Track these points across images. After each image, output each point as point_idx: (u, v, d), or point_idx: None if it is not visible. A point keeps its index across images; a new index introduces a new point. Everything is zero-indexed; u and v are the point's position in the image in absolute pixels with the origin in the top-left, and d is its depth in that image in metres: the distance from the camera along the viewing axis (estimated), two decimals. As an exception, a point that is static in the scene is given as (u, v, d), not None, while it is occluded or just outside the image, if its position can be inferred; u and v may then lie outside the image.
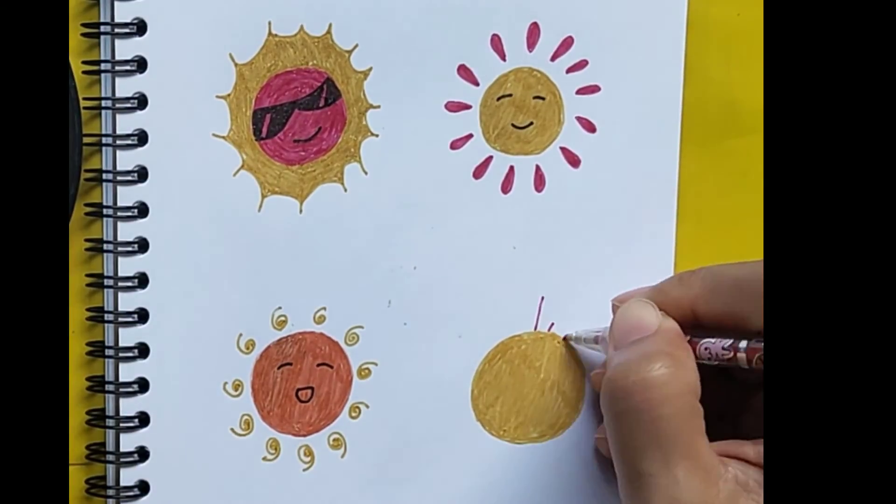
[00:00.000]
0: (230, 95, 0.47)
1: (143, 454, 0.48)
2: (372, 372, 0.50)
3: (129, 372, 0.47)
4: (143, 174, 0.46)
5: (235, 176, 0.47)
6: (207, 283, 0.47)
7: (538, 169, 0.50)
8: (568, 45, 0.50)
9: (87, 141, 0.46)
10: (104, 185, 0.47)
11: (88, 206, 0.47)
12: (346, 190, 0.49)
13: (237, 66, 0.47)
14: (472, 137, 0.50)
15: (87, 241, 0.47)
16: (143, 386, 0.47)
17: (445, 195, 0.50)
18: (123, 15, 0.46)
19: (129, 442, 0.47)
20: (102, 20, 0.46)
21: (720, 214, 0.53)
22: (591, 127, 0.51)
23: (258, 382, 0.49)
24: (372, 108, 0.48)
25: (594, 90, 0.51)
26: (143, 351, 0.47)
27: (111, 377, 0.47)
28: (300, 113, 0.48)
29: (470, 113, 0.49)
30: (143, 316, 0.47)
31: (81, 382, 0.47)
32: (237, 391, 0.48)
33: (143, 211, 0.47)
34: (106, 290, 0.47)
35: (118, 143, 0.46)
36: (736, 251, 0.51)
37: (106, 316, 0.47)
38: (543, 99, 0.50)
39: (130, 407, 0.47)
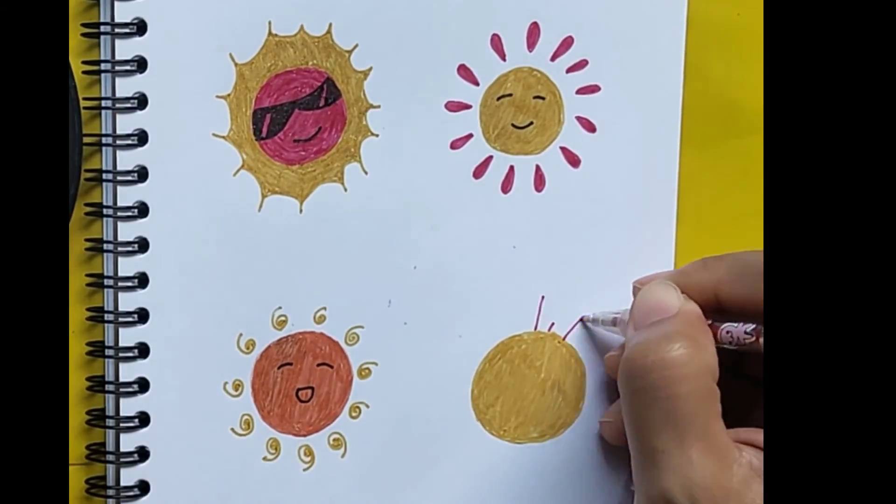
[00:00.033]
0: (230, 95, 0.47)
1: (143, 454, 0.48)
2: (372, 372, 0.50)
3: (129, 372, 0.47)
4: (143, 174, 0.46)
5: (235, 176, 0.47)
6: (207, 283, 0.47)
7: (538, 169, 0.50)
8: (568, 44, 0.50)
9: (87, 141, 0.46)
10: (104, 185, 0.47)
11: (88, 206, 0.47)
12: (346, 190, 0.49)
13: (237, 65, 0.47)
14: (472, 137, 0.50)
15: (87, 241, 0.47)
16: (143, 386, 0.47)
17: (445, 195, 0.50)
18: (123, 15, 0.46)
19: (129, 442, 0.47)
20: (102, 20, 0.46)
21: (720, 214, 0.53)
22: (591, 127, 0.51)
23: (258, 382, 0.49)
24: (372, 108, 0.48)
25: (594, 90, 0.51)
26: (143, 351, 0.47)
27: (111, 377, 0.47)
28: (300, 113, 0.48)
29: (470, 113, 0.49)
30: (143, 316, 0.47)
31: (81, 382, 0.47)
32: (237, 391, 0.48)
33: (143, 211, 0.47)
34: (106, 290, 0.47)
35: (118, 143, 0.46)
36: (737, 250, 0.51)
37: (106, 316, 0.47)
38: (543, 99, 0.50)
39: (130, 407, 0.47)
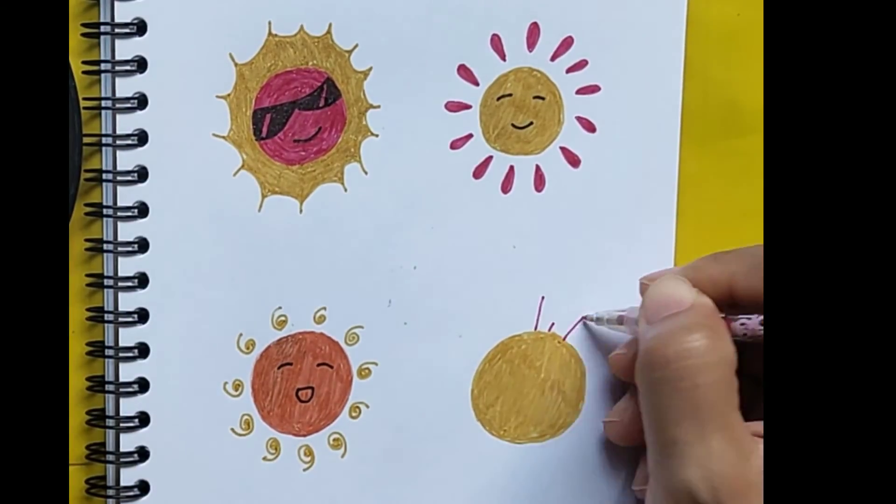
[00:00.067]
0: (230, 95, 0.47)
1: (143, 454, 0.48)
2: (372, 372, 0.50)
3: (129, 372, 0.47)
4: (143, 174, 0.46)
5: (235, 176, 0.47)
6: (207, 283, 0.47)
7: (538, 169, 0.50)
8: (568, 45, 0.50)
9: (87, 141, 0.46)
10: (104, 185, 0.47)
11: (88, 206, 0.47)
12: (346, 190, 0.49)
13: (237, 65, 0.47)
14: (472, 137, 0.50)
15: (87, 241, 0.47)
16: (143, 386, 0.47)
17: (445, 195, 0.49)
18: (123, 15, 0.46)
19: (129, 442, 0.47)
20: (102, 20, 0.46)
21: (720, 214, 0.53)
22: (591, 127, 0.51)
23: (258, 382, 0.49)
24: (372, 108, 0.48)
25: (594, 90, 0.51)
26: (143, 351, 0.47)
27: (111, 377, 0.47)
28: (300, 113, 0.48)
29: (470, 113, 0.49)
30: (143, 316, 0.47)
31: (81, 382, 0.47)
32: (237, 391, 0.48)
33: (143, 211, 0.47)
34: (106, 290, 0.47)
35: (118, 143, 0.46)
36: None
37: (106, 316, 0.47)
38: (543, 99, 0.50)
39: (130, 407, 0.47)
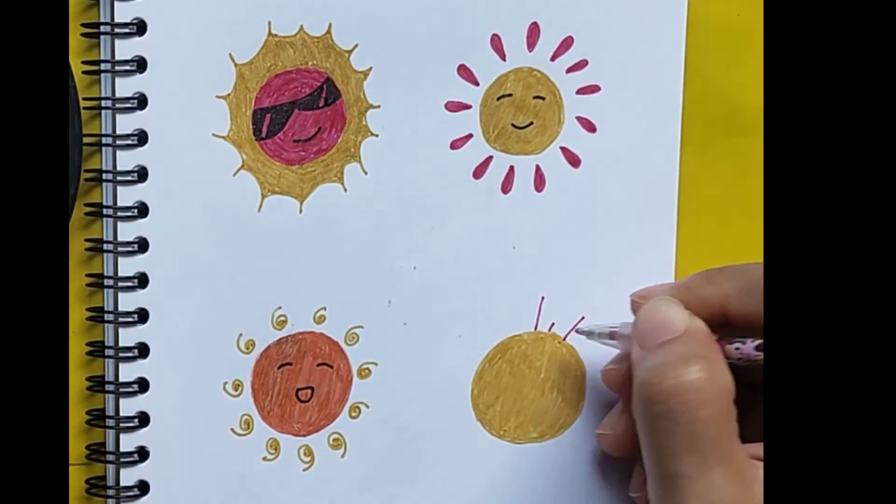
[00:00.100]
0: (230, 95, 0.47)
1: (143, 454, 0.48)
2: (372, 372, 0.50)
3: (129, 372, 0.47)
4: (143, 174, 0.46)
5: (235, 176, 0.47)
6: (207, 283, 0.47)
7: (538, 169, 0.50)
8: (568, 44, 0.50)
9: (87, 141, 0.46)
10: (104, 185, 0.47)
11: (88, 206, 0.47)
12: (346, 190, 0.49)
13: (237, 66, 0.47)
14: (472, 137, 0.50)
15: (87, 241, 0.47)
16: (143, 386, 0.47)
17: (445, 195, 0.49)
18: (123, 15, 0.46)
19: (129, 442, 0.47)
20: (102, 20, 0.46)
21: (720, 214, 0.53)
22: (591, 127, 0.51)
23: (258, 382, 0.49)
24: (372, 108, 0.48)
25: (594, 90, 0.51)
26: (143, 351, 0.47)
27: (111, 377, 0.47)
28: (300, 113, 0.48)
29: (470, 113, 0.49)
30: (143, 316, 0.47)
31: (81, 382, 0.47)
32: (237, 391, 0.48)
33: (143, 211, 0.47)
34: (106, 290, 0.47)
35: (118, 143, 0.46)
36: (736, 251, 0.51)
37: (106, 316, 0.47)
38: (543, 99, 0.50)
39: (130, 407, 0.47)
